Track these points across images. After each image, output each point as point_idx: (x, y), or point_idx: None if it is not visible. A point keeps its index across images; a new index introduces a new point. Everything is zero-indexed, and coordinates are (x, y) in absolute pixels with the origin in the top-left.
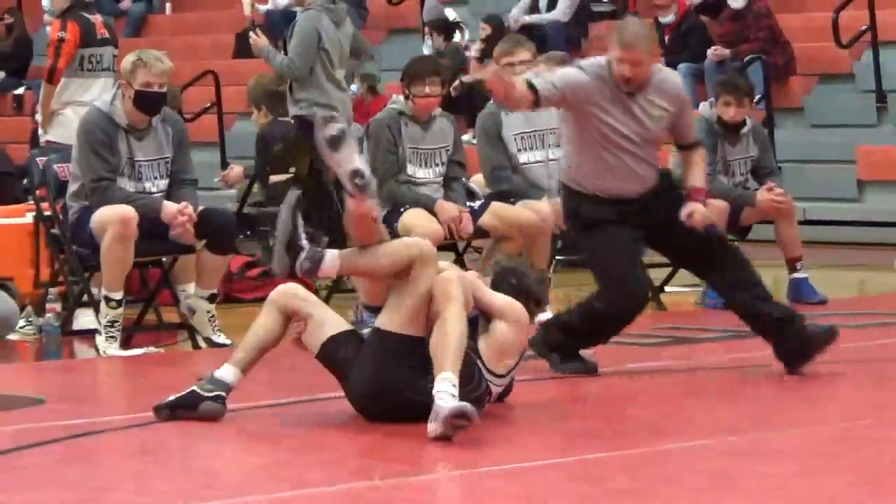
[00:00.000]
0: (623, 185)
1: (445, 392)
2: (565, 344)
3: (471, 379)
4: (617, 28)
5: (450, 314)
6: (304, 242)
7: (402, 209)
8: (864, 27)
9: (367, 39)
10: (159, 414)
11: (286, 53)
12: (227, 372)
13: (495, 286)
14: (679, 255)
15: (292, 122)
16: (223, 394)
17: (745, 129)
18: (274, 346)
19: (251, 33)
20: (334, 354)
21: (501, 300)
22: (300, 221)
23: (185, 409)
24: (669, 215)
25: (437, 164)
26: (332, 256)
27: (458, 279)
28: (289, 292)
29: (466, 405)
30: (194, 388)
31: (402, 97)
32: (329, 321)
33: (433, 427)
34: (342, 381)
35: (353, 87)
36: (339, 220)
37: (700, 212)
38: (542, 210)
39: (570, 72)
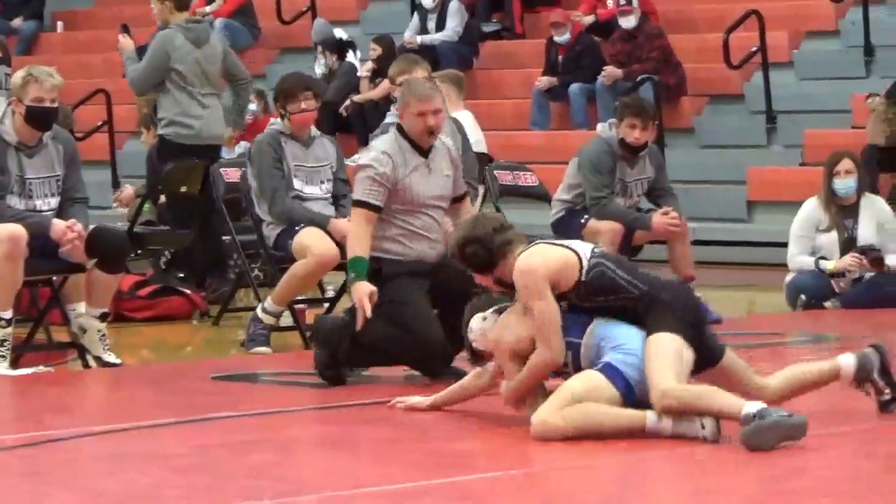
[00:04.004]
0: None
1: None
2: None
3: None
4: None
5: None
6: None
7: (296, 227)
8: (754, 48)
9: (239, 63)
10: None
11: None
12: None
13: None
14: None
15: None
16: None
17: (643, 151)
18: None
19: (121, 35)
20: None
21: None
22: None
23: None
24: None
25: (322, 182)
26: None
27: None
28: None
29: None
30: None
31: (278, 119)
32: None
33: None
34: None
35: (253, 106)
36: (220, 241)
37: None
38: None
39: None
